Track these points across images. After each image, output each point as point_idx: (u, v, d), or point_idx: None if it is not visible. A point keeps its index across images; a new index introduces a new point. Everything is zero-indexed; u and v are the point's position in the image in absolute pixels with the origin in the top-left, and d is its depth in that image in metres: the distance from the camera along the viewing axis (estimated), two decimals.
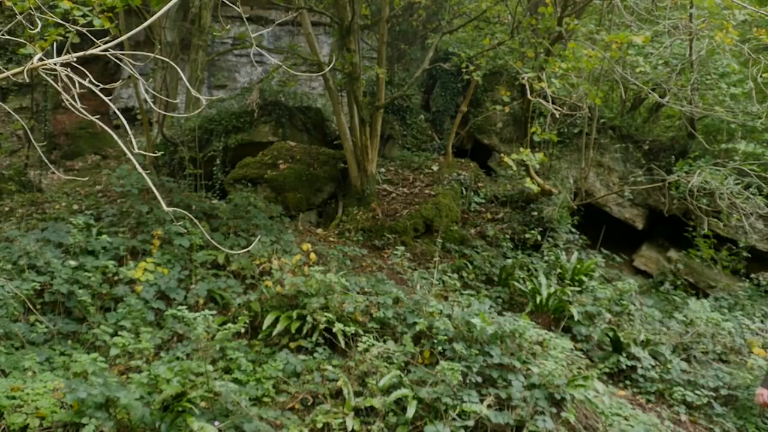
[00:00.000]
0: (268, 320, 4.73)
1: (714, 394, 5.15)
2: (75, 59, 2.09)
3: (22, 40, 3.53)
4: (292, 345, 4.60)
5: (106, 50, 2.15)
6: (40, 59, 2.14)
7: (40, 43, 3.98)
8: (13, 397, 3.44)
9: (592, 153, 8.34)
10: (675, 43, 6.69)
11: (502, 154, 7.42)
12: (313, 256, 5.51)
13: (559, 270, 6.67)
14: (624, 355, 5.49)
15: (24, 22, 3.39)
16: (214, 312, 4.53)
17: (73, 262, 5.01)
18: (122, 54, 2.35)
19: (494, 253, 7.39)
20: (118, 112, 3.94)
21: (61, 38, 3.90)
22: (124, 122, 2.31)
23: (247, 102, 8.55)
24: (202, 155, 8.12)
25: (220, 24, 8.39)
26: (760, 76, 5.63)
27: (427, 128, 9.70)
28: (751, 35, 5.86)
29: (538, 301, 5.93)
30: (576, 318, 5.65)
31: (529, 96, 5.80)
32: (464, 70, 7.49)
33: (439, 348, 4.30)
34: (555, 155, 8.86)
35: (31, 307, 4.56)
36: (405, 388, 3.96)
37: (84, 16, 4.05)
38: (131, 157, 2.24)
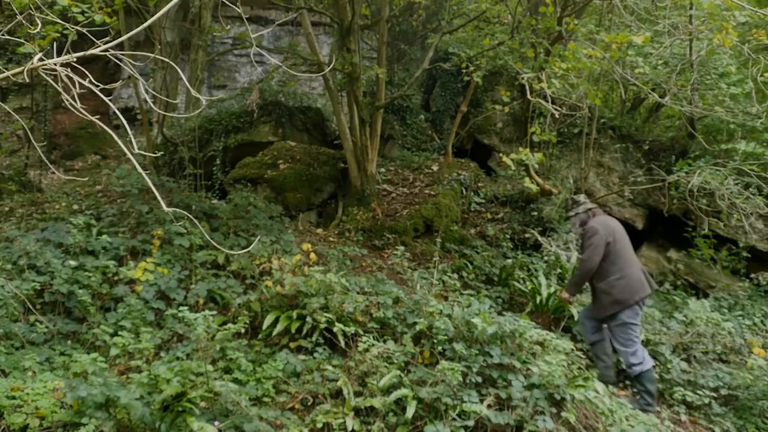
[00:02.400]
0: (268, 320, 4.73)
1: (714, 394, 5.15)
2: (75, 59, 2.09)
3: (21, 40, 3.53)
4: (292, 345, 4.60)
5: (106, 50, 2.15)
6: (40, 59, 2.14)
7: (39, 41, 3.97)
8: (13, 397, 3.44)
9: (592, 153, 8.34)
10: (675, 44, 6.70)
11: (501, 154, 7.43)
12: (313, 256, 5.51)
13: (559, 270, 6.67)
14: None
15: (24, 21, 3.39)
16: (214, 312, 4.52)
17: (73, 262, 5.01)
18: (122, 54, 2.35)
19: (494, 253, 7.39)
20: (118, 112, 3.94)
21: (59, 35, 3.91)
22: (124, 122, 2.31)
23: (247, 102, 8.56)
24: (202, 155, 8.12)
25: (220, 24, 8.39)
26: (760, 77, 5.63)
27: (427, 128, 9.70)
28: (750, 36, 5.85)
29: (538, 301, 5.93)
30: (576, 318, 5.64)
31: (529, 96, 5.80)
32: (464, 70, 7.49)
33: (439, 348, 4.30)
34: (555, 155, 8.87)
35: (31, 307, 4.56)
36: (405, 388, 3.96)
37: (83, 13, 4.05)
38: (131, 157, 2.24)
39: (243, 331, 4.55)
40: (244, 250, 5.34)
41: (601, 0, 7.96)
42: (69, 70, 2.12)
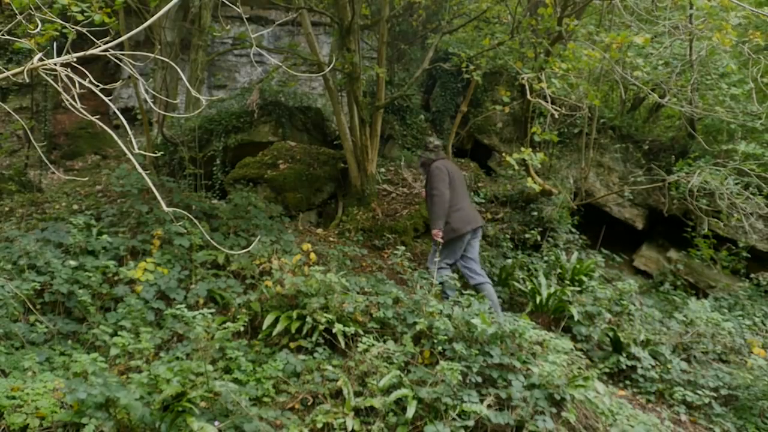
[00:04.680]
0: (268, 320, 4.73)
1: (714, 394, 5.16)
2: (75, 59, 2.09)
3: (21, 40, 3.53)
4: (292, 345, 4.60)
5: (106, 50, 2.15)
6: (40, 59, 2.14)
7: (37, 38, 3.97)
8: (13, 397, 3.44)
9: (592, 153, 8.34)
10: (675, 44, 6.69)
11: (502, 154, 7.43)
12: (313, 256, 5.51)
13: (559, 270, 6.67)
14: (624, 355, 5.49)
15: (24, 21, 3.39)
16: (213, 311, 4.52)
17: (73, 262, 5.01)
18: (122, 54, 2.35)
19: (494, 253, 7.38)
20: (118, 112, 3.94)
21: (58, 34, 3.90)
22: (124, 122, 2.31)
23: (247, 102, 8.55)
24: (202, 155, 8.11)
25: (220, 24, 8.39)
26: (761, 77, 5.63)
27: (427, 128, 9.69)
28: (746, 38, 5.85)
29: (538, 301, 5.93)
30: (576, 318, 5.65)
31: (529, 96, 5.80)
32: (464, 70, 7.49)
33: (439, 348, 4.30)
34: (555, 155, 8.86)
35: (31, 307, 4.56)
36: (405, 388, 3.96)
37: (82, 12, 4.05)
38: (131, 157, 2.24)
39: (243, 331, 4.56)
40: (244, 250, 5.34)
41: (601, 0, 7.95)
42: (69, 70, 2.12)
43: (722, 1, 5.09)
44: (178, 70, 2.84)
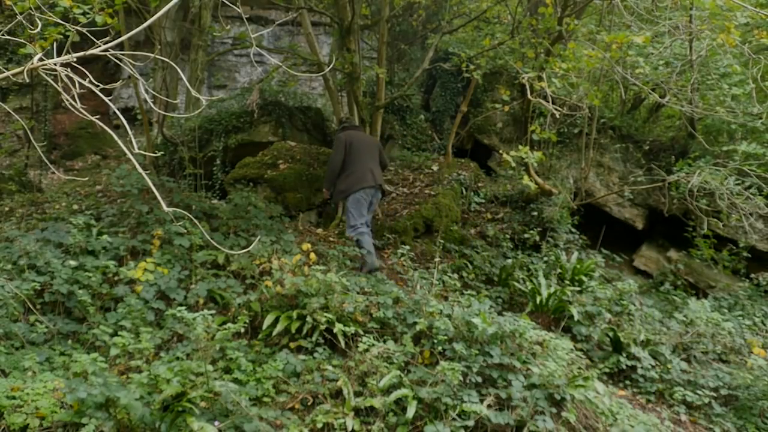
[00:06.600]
0: (268, 320, 4.73)
1: (714, 394, 5.16)
2: (75, 59, 2.09)
3: (22, 40, 3.53)
4: (292, 345, 4.60)
5: (106, 50, 2.15)
6: (40, 59, 2.14)
7: (40, 42, 3.98)
8: (13, 397, 3.44)
9: (592, 153, 8.34)
10: (675, 44, 6.69)
11: (502, 152, 7.43)
12: (313, 256, 5.51)
13: (559, 270, 6.67)
14: (624, 355, 5.50)
15: (24, 22, 3.39)
16: (213, 312, 4.52)
17: (73, 262, 5.00)
18: (122, 54, 2.35)
19: (494, 253, 7.39)
20: (118, 112, 3.94)
21: (61, 37, 3.91)
22: (124, 122, 2.30)
23: (247, 102, 8.55)
24: (202, 155, 8.11)
25: (220, 24, 8.39)
26: (761, 78, 5.62)
27: (427, 128, 9.69)
28: (752, 37, 5.84)
29: (538, 301, 5.93)
30: (576, 318, 5.65)
31: (529, 96, 5.80)
32: (464, 69, 7.49)
33: (439, 348, 4.30)
34: (555, 155, 8.87)
35: (31, 307, 4.56)
36: (405, 388, 3.96)
37: (84, 14, 4.05)
38: (131, 157, 2.24)
39: (243, 331, 4.55)
40: (244, 250, 5.34)
41: (601, 0, 7.95)
42: (69, 70, 2.12)
43: (727, 1, 5.08)
44: (178, 70, 2.83)
